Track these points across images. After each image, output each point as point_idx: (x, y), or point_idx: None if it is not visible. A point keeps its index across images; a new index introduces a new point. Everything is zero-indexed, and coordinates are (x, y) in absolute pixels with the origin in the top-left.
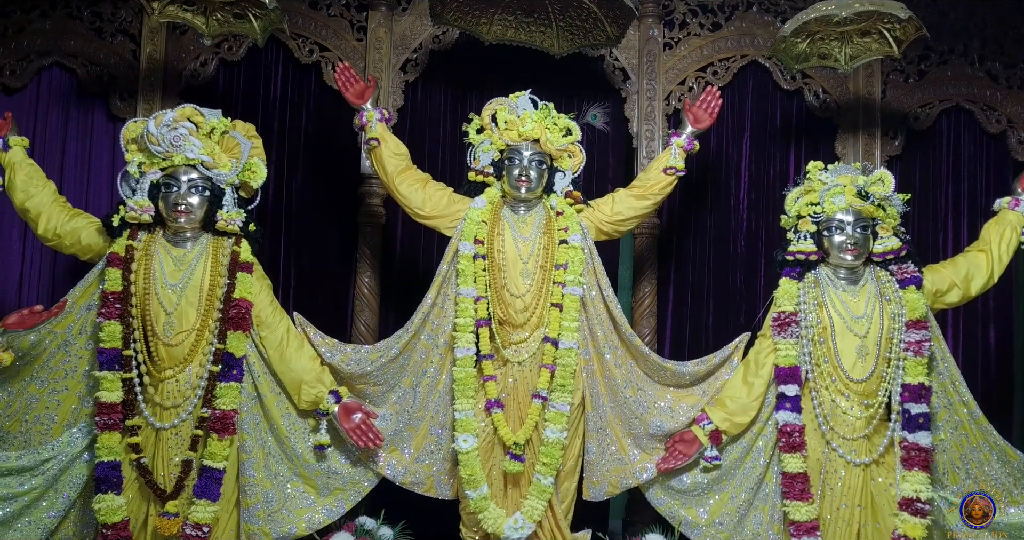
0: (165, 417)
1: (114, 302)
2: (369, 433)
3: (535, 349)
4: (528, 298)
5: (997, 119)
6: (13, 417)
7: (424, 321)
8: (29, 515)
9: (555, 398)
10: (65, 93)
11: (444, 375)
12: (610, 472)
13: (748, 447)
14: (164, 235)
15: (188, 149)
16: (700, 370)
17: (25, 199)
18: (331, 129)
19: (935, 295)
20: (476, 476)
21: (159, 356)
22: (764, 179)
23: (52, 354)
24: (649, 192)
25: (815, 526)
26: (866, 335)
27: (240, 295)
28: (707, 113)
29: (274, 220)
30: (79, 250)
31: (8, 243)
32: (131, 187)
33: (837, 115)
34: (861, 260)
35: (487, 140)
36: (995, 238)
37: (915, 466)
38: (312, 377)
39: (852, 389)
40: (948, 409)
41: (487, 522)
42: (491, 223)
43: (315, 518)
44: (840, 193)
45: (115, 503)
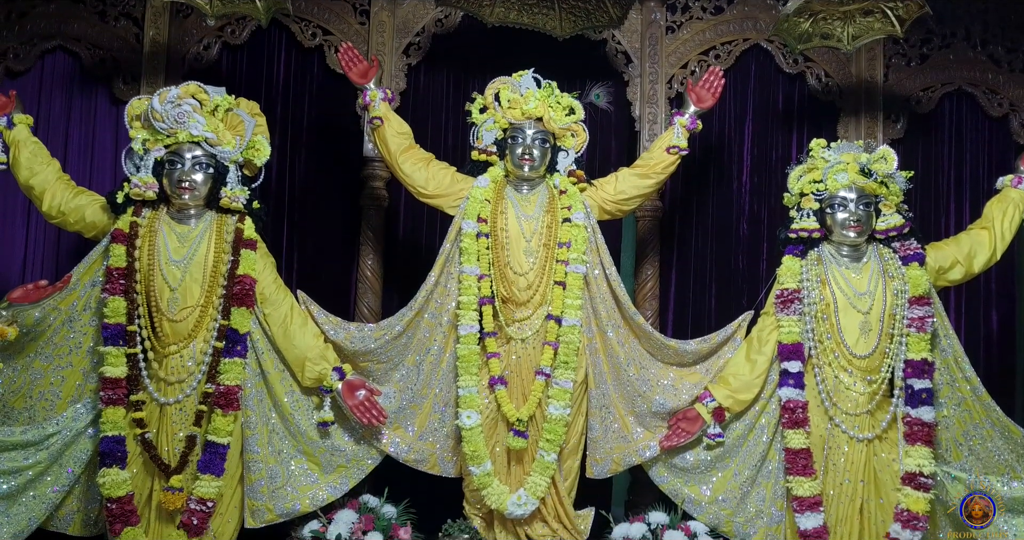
0: (169, 392)
1: (118, 278)
2: (373, 410)
3: (538, 327)
4: (531, 276)
5: (999, 103)
6: (18, 393)
7: (428, 299)
8: (34, 489)
9: (558, 375)
10: (69, 77)
11: (447, 353)
12: (613, 450)
13: (751, 424)
14: (168, 212)
15: (192, 126)
16: (703, 348)
17: (30, 176)
18: (334, 113)
19: (938, 272)
20: (480, 452)
21: (163, 332)
22: (766, 163)
23: (56, 330)
24: (652, 171)
25: (818, 501)
26: (869, 311)
27: (244, 271)
28: (709, 93)
29: (277, 203)
30: (83, 227)
31: (11, 227)
32: (135, 164)
33: (839, 98)
34: (864, 237)
35: (490, 119)
36: (998, 215)
37: (918, 441)
38: (316, 354)
39: (855, 365)
40: (951, 386)
41: (491, 498)
42: (494, 202)
43: (319, 495)
44: (843, 170)
45: (119, 477)
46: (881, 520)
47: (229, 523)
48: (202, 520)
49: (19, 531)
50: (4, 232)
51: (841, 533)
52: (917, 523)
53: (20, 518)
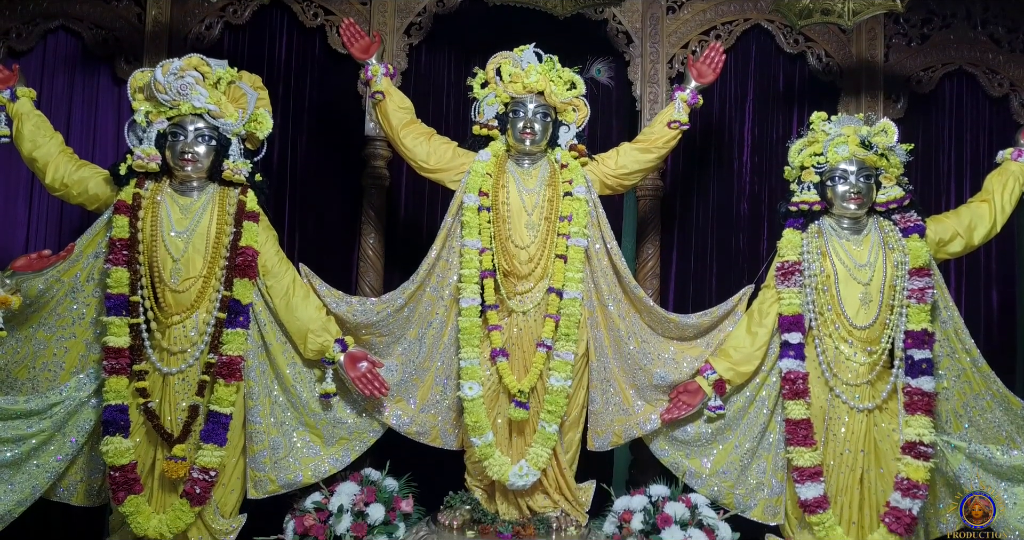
0: (172, 362)
1: (121, 248)
2: (375, 382)
3: (539, 300)
4: (533, 249)
5: (1000, 82)
6: (21, 363)
7: (430, 273)
8: (37, 458)
9: (559, 347)
10: (71, 57)
11: (449, 327)
12: (614, 422)
13: (752, 397)
14: (171, 184)
15: (195, 98)
16: (704, 322)
17: (33, 149)
18: (335, 93)
19: (938, 244)
20: (481, 423)
21: (166, 302)
22: (767, 142)
23: (60, 301)
24: (654, 145)
25: (818, 472)
26: (869, 283)
27: (246, 243)
28: (711, 68)
29: (279, 183)
30: (86, 199)
31: (15, 201)
32: (138, 136)
33: (840, 78)
34: (864, 209)
35: (491, 93)
36: (998, 188)
37: (918, 410)
38: (318, 326)
39: (855, 336)
40: (951, 357)
41: (492, 469)
42: (496, 175)
43: (321, 467)
44: (843, 143)
45: (123, 445)
46: (881, 489)
47: (232, 494)
48: (205, 489)
49: (23, 499)
50: (7, 206)
51: (841, 503)
52: (917, 491)
53: (24, 486)
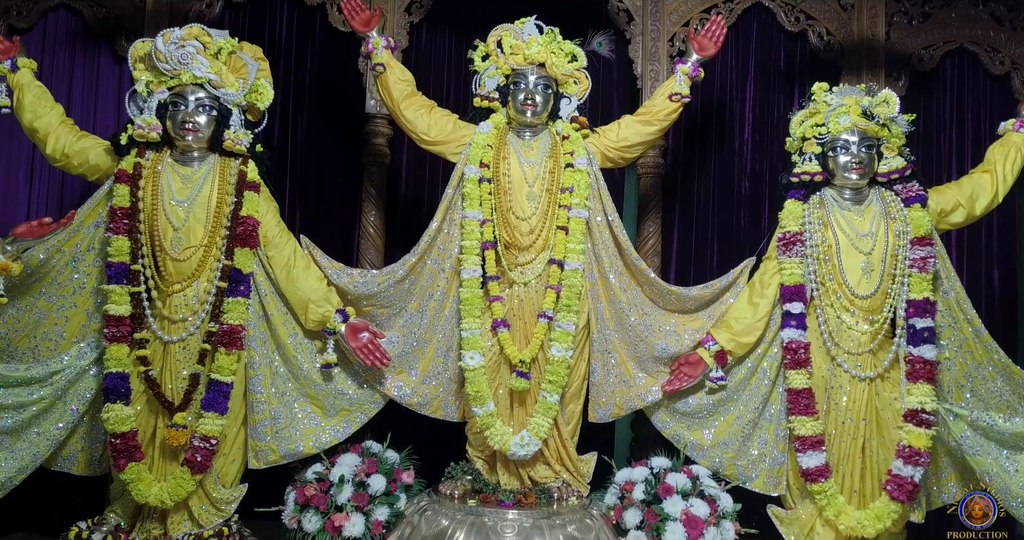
0: (173, 330)
1: (122, 217)
2: (376, 352)
3: (541, 271)
4: (534, 221)
5: (1001, 61)
6: (22, 333)
7: (431, 245)
8: (38, 426)
9: (560, 318)
10: (71, 35)
11: (450, 299)
12: (615, 393)
13: (753, 368)
14: (172, 154)
15: (195, 67)
16: (705, 294)
17: (34, 119)
18: (336, 71)
19: (940, 215)
20: (483, 393)
21: (167, 271)
22: (768, 121)
23: (60, 271)
24: (655, 118)
25: (820, 441)
26: (871, 252)
27: (247, 213)
28: (712, 42)
29: (279, 160)
30: (87, 170)
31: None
32: (139, 106)
33: (841, 57)
34: (866, 180)
35: (492, 66)
36: (1000, 158)
37: (920, 378)
38: (319, 296)
39: (857, 305)
40: (953, 328)
41: (493, 439)
42: (497, 147)
43: (322, 438)
44: (845, 113)
45: (124, 413)
46: (883, 458)
47: (233, 464)
48: (206, 457)
49: (23, 466)
50: (8, 178)
51: (843, 472)
52: (919, 459)
53: (24, 454)
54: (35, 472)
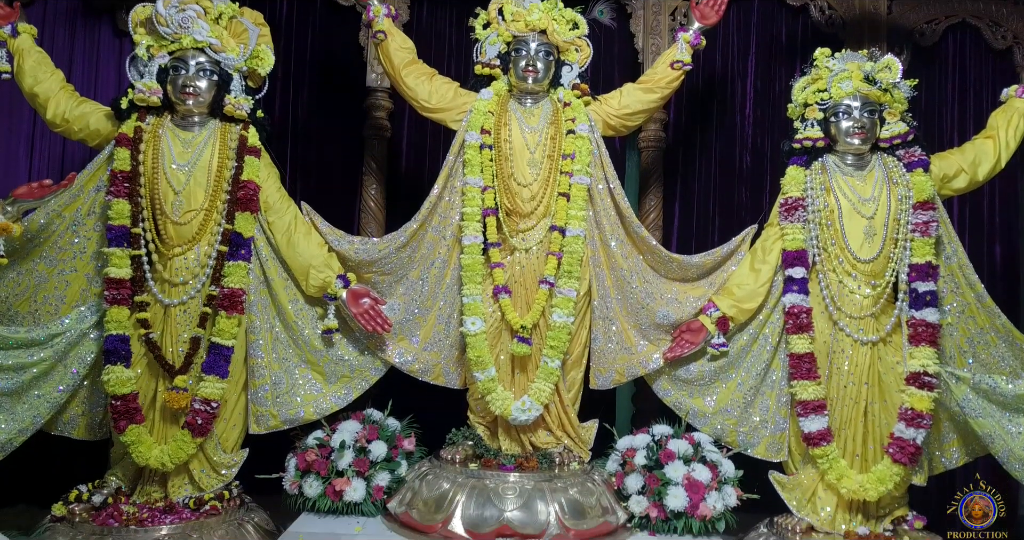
0: (173, 294)
1: (123, 181)
2: (378, 318)
3: (542, 237)
4: (535, 187)
5: (1003, 35)
6: (22, 296)
7: (432, 211)
8: (38, 388)
9: (562, 284)
10: (72, 9)
11: (451, 267)
12: (616, 361)
13: (755, 335)
14: (172, 119)
15: (196, 31)
16: (707, 262)
17: (34, 84)
18: (337, 45)
19: (942, 180)
20: (484, 358)
21: (168, 235)
22: (769, 96)
23: (61, 235)
24: (656, 86)
25: (822, 405)
26: (873, 216)
27: (248, 177)
28: (714, 10)
29: (280, 136)
30: (87, 135)
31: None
32: (139, 71)
33: (842, 31)
34: (868, 145)
35: (494, 33)
36: (1002, 124)
37: (923, 341)
38: (320, 262)
39: (859, 269)
40: (955, 293)
41: (495, 404)
42: (498, 114)
43: (323, 404)
44: (847, 78)
45: (124, 374)
46: (885, 422)
47: (234, 429)
48: (206, 420)
49: (24, 428)
50: (9, 153)
51: (845, 436)
52: (921, 421)
53: (25, 416)
54: (36, 444)
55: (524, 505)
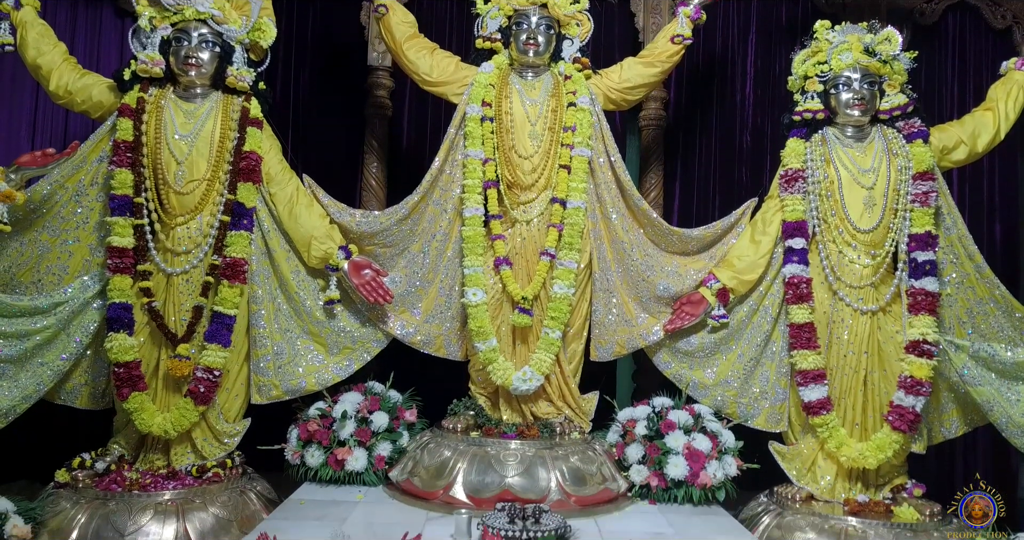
0: (176, 263)
1: (125, 151)
2: (379, 289)
3: (543, 210)
4: (536, 159)
5: (1003, 14)
6: (25, 266)
7: (433, 184)
8: (41, 356)
9: (563, 256)
10: None
11: (452, 240)
12: (617, 333)
13: (755, 307)
14: (175, 91)
15: (199, 2)
16: (707, 235)
17: (37, 56)
18: (338, 26)
19: (942, 152)
20: (485, 328)
21: (170, 205)
22: (769, 76)
23: (64, 205)
24: (657, 60)
25: (821, 374)
26: (873, 187)
27: (250, 148)
28: None
29: (282, 115)
30: (90, 107)
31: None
32: (141, 42)
33: (842, 11)
34: (868, 116)
35: (495, 7)
36: (1002, 96)
37: (922, 310)
38: (322, 233)
39: (859, 240)
40: (955, 264)
41: (496, 374)
42: (499, 87)
43: (324, 375)
44: (847, 50)
45: (127, 342)
46: (884, 391)
47: (236, 399)
48: (209, 388)
49: (27, 395)
50: (11, 134)
51: (845, 405)
52: (920, 389)
53: (28, 384)
54: (38, 420)
55: (525, 471)
